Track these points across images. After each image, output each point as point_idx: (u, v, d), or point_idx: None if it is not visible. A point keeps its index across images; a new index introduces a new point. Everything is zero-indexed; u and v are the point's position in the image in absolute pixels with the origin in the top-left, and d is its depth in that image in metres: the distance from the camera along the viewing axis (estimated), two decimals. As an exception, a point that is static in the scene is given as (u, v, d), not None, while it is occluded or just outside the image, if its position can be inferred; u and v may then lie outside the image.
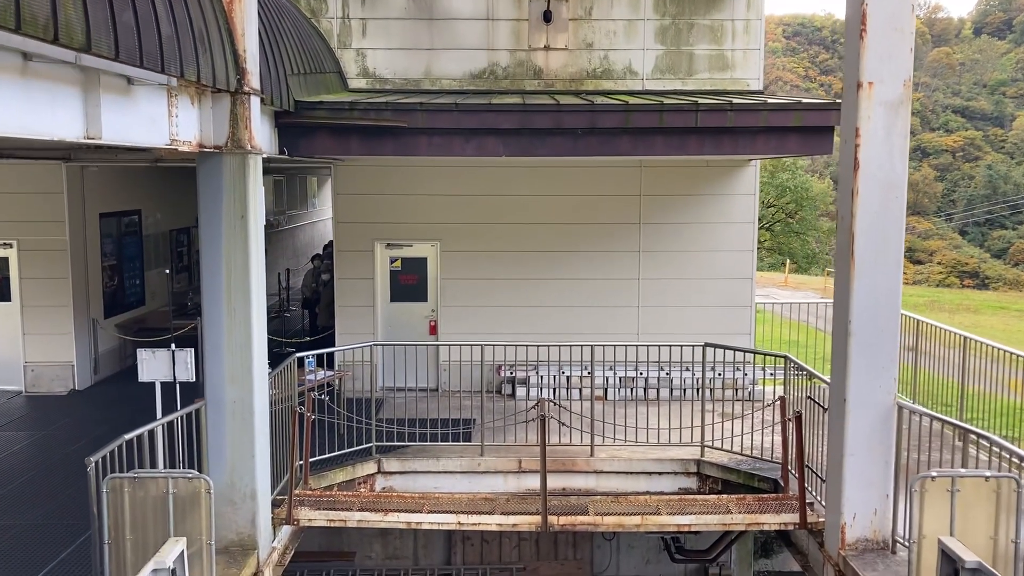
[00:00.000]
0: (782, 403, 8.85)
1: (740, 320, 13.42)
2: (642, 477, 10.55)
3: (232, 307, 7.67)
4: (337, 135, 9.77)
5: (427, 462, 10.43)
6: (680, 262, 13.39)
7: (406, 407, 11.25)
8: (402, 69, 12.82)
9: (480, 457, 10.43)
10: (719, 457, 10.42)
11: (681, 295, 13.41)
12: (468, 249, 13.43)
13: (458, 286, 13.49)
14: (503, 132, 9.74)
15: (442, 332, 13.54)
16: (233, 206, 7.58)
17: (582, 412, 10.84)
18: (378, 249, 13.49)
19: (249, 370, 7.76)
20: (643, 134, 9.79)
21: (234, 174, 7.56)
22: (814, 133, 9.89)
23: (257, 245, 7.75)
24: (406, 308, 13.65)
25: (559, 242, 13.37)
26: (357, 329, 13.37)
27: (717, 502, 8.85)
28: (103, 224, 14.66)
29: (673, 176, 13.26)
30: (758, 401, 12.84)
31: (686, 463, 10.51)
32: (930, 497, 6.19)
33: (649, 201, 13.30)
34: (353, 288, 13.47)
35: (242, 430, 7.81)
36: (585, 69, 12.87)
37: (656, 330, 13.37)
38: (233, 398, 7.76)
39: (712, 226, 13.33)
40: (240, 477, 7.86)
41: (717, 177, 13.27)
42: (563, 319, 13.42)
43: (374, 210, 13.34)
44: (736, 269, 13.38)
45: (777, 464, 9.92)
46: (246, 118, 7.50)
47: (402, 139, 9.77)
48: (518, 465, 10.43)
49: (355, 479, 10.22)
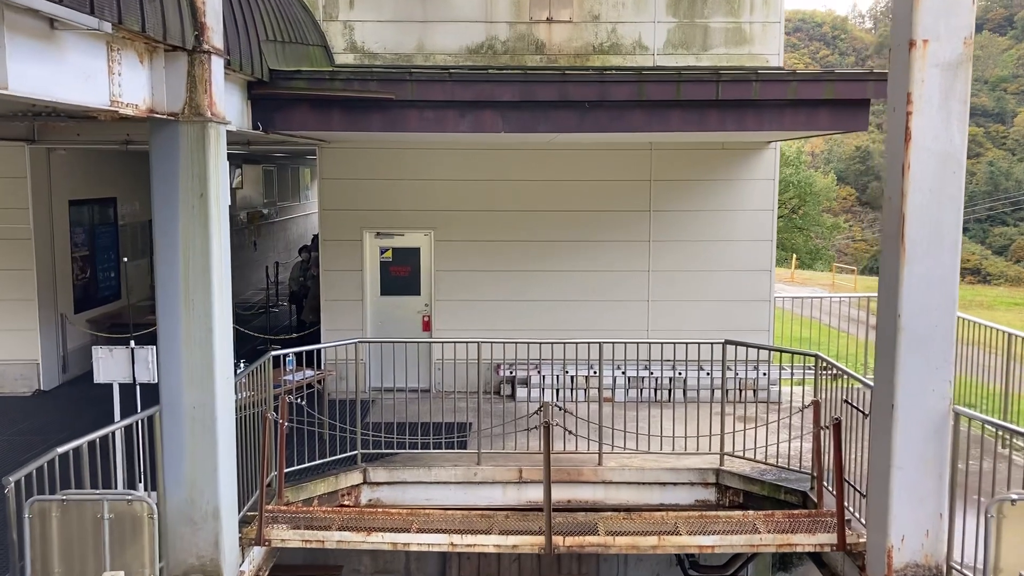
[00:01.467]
0: (815, 408, 7.86)
1: (758, 316, 12.44)
2: (655, 488, 9.57)
3: (190, 299, 6.68)
4: (317, 109, 8.78)
5: (418, 472, 9.45)
6: (693, 253, 12.40)
7: (394, 410, 10.26)
8: (393, 43, 11.81)
9: (476, 466, 9.45)
10: (740, 466, 9.45)
11: (694, 288, 12.42)
12: (465, 238, 12.44)
13: (454, 278, 12.50)
14: (502, 105, 8.75)
15: (436, 328, 12.56)
16: (191, 183, 6.59)
17: (588, 416, 9.85)
18: (367, 238, 12.50)
19: (210, 371, 6.77)
20: (658, 108, 8.80)
21: (192, 145, 6.56)
22: (847, 107, 8.90)
23: (220, 228, 6.75)
24: (397, 302, 12.67)
25: (563, 231, 12.38)
26: (344, 325, 12.38)
27: (743, 519, 7.87)
28: (73, 212, 13.65)
29: (686, 160, 12.27)
30: (775, 403, 11.87)
31: (704, 473, 9.52)
32: (1009, 524, 5.22)
33: (660, 187, 12.31)
34: (340, 281, 12.48)
35: (203, 439, 6.82)
36: (591, 43, 11.86)
37: (667, 326, 12.39)
38: (192, 403, 6.77)
39: (728, 214, 12.35)
40: (201, 493, 6.87)
41: (733, 161, 12.28)
42: (567, 314, 12.44)
43: (362, 196, 12.35)
44: (753, 260, 12.39)
45: (805, 474, 8.96)
46: (206, 81, 6.50)
47: (390, 113, 8.78)
48: (518, 475, 9.45)
49: (338, 491, 9.24)
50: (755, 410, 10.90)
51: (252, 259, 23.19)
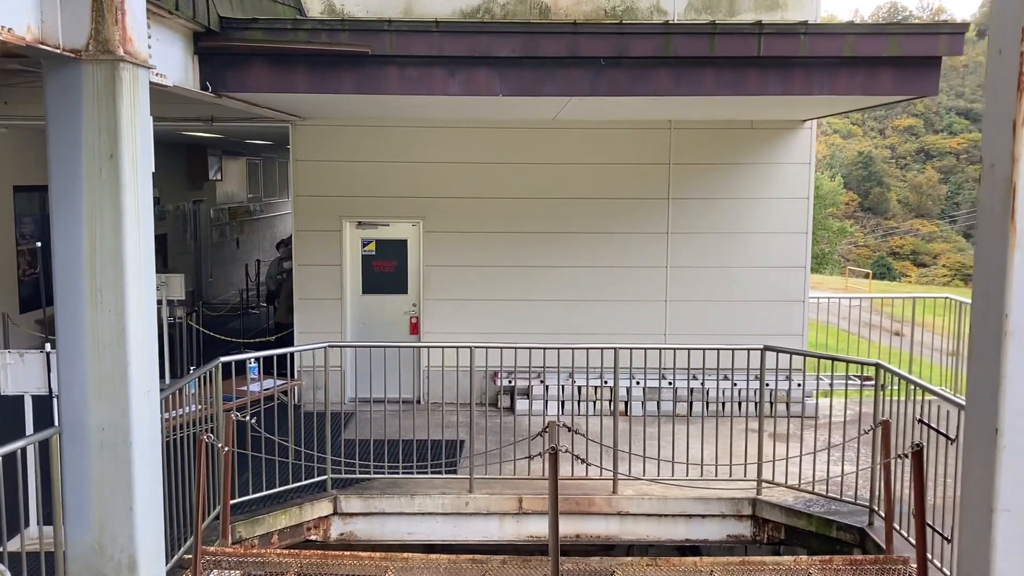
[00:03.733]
0: (885, 430, 6.37)
1: (791, 319, 10.97)
2: (680, 521, 8.08)
3: (97, 290, 5.19)
4: (278, 66, 7.31)
5: (399, 501, 7.96)
6: (717, 246, 10.92)
7: (375, 426, 8.77)
8: (376, 7, 10.35)
9: (468, 494, 7.96)
10: (781, 495, 7.96)
11: (718, 287, 10.95)
12: (458, 229, 10.96)
13: (446, 275, 11.02)
14: (500, 62, 7.27)
15: (425, 331, 11.08)
16: (98, 139, 5.11)
17: (601, 435, 8.36)
18: (347, 229, 11.02)
19: (124, 382, 5.27)
20: (688, 66, 7.33)
21: (99, 91, 5.08)
22: (915, 66, 7.42)
23: (137, 199, 5.27)
24: (381, 302, 11.19)
25: (570, 221, 10.91)
26: (320, 327, 10.90)
27: (794, 567, 6.37)
28: (18, 200, 12.17)
29: (710, 140, 10.80)
30: (812, 418, 10.38)
31: (738, 503, 8.03)
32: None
33: (680, 172, 10.84)
34: (316, 277, 11.00)
35: (115, 469, 5.32)
36: (603, 8, 10.38)
37: (686, 330, 10.92)
38: (101, 423, 5.28)
39: (757, 202, 10.88)
40: (112, 538, 5.37)
41: (764, 142, 10.81)
42: (574, 316, 10.96)
43: (342, 181, 10.88)
44: (787, 255, 10.92)
45: (861, 507, 7.48)
46: (117, 8, 5.02)
47: (365, 72, 7.31)
48: (518, 505, 7.96)
49: (303, 523, 7.76)
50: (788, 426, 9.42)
51: (235, 257, 21.74)
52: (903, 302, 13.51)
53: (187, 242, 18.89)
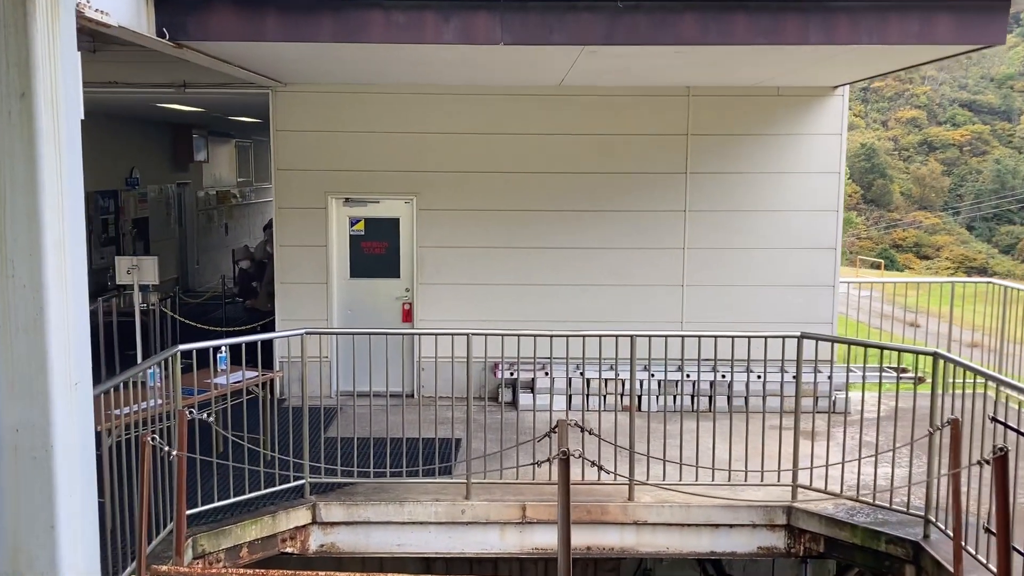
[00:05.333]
0: (955, 430, 5.42)
1: (819, 305, 10.02)
2: (704, 531, 7.14)
3: (7, 260, 4.25)
4: (245, 8, 6.34)
5: (387, 508, 7.02)
6: (739, 226, 9.97)
7: (355, 425, 7.84)
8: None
9: (465, 501, 7.02)
10: (819, 502, 7.03)
11: (740, 270, 10.01)
12: (456, 207, 10.01)
13: (442, 257, 10.07)
14: (502, 5, 6.31)
15: (420, 318, 10.13)
16: (5, 75, 4.16)
17: (616, 434, 7.43)
18: (333, 206, 10.06)
19: (43, 372, 4.34)
20: (717, 10, 6.37)
21: (5, 16, 4.13)
22: (979, 12, 6.46)
23: (59, 149, 4.31)
24: (371, 286, 10.24)
25: (577, 198, 9.95)
26: (303, 314, 9.96)
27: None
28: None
29: (732, 109, 9.84)
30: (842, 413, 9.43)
31: (770, 511, 7.09)
32: None
33: (699, 143, 9.87)
34: (299, 259, 10.05)
35: (33, 479, 4.39)
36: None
37: (705, 317, 10.00)
38: (14, 423, 4.35)
39: (784, 177, 9.93)
40: (30, 562, 4.44)
41: (791, 110, 9.84)
42: (581, 302, 10.02)
43: (327, 153, 9.93)
44: (815, 236, 9.97)
45: (913, 516, 6.55)
46: (28, -88, 4.07)
47: (345, 16, 6.35)
48: (521, 513, 7.02)
49: (276, 535, 6.83)
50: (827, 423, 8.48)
51: (223, 243, 20.79)
52: (930, 288, 12.64)
53: (171, 227, 17.95)
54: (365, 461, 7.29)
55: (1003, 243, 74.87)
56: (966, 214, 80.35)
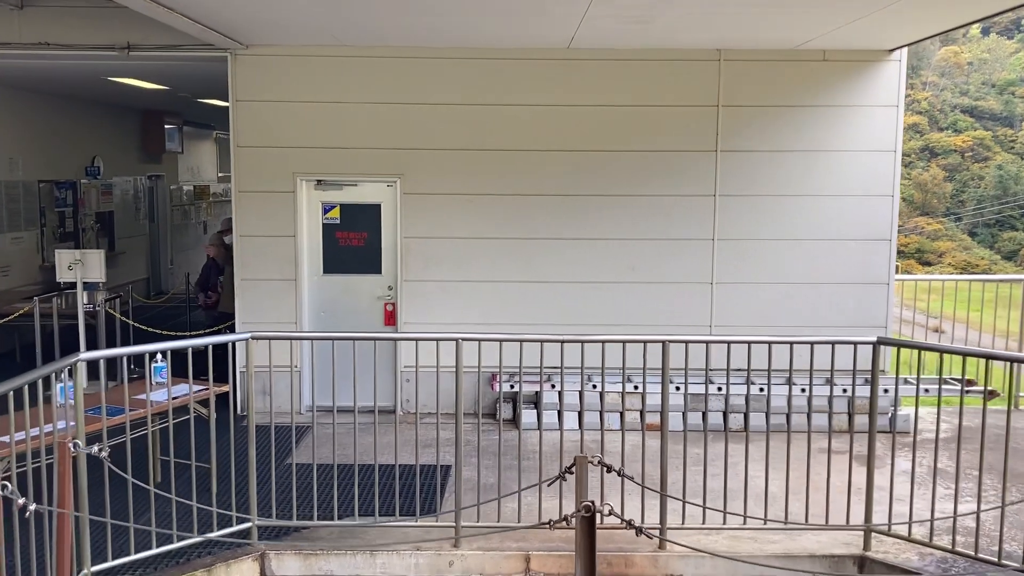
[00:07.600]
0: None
1: (872, 305, 8.60)
2: (755, 587, 5.67)
3: None
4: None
5: (354, 559, 5.56)
6: (778, 213, 8.55)
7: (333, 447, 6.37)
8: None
9: (454, 550, 5.56)
10: (900, 551, 5.58)
11: (779, 265, 8.59)
12: (447, 191, 8.57)
13: (430, 249, 8.63)
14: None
15: (404, 321, 8.69)
16: None
17: (644, 465, 5.98)
18: (303, 190, 8.62)
19: None
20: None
21: None
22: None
23: None
24: (348, 284, 8.80)
25: (589, 180, 8.52)
26: (268, 317, 8.52)
27: None
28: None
29: (769, 76, 8.43)
30: (904, 433, 8.02)
31: (839, 563, 5.64)
32: None
33: (732, 116, 8.45)
34: (262, 252, 8.60)
35: None
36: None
37: (738, 320, 8.59)
38: None
39: (831, 156, 8.52)
40: None
41: (840, 78, 8.43)
42: (592, 302, 8.59)
43: (296, 127, 8.49)
44: (868, 225, 8.56)
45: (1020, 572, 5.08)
46: None
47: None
48: (524, 567, 5.57)
49: (214, 593, 5.36)
50: (892, 447, 7.03)
51: (201, 242, 19.31)
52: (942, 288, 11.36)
53: (140, 222, 16.48)
54: (329, 495, 5.83)
55: (1006, 249, 74.31)
56: (968, 220, 79.70)
